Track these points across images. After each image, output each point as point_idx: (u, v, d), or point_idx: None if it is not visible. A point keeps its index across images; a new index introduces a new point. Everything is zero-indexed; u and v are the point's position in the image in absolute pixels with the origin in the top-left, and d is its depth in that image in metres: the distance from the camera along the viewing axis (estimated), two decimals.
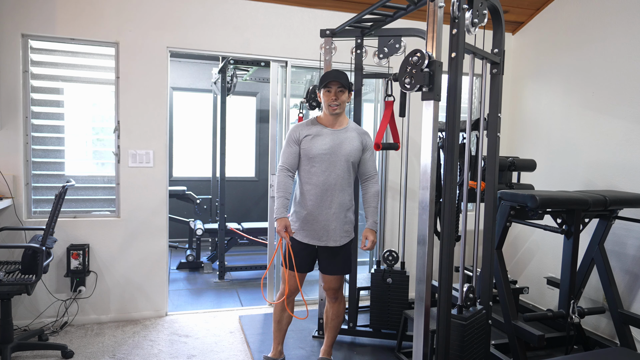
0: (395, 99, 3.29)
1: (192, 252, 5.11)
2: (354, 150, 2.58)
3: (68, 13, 3.26)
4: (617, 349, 2.09)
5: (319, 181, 2.54)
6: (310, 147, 2.56)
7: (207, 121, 6.47)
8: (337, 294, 2.72)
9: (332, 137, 2.57)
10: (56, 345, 2.88)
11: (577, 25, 3.68)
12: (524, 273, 4.25)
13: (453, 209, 1.93)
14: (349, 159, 2.57)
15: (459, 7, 1.85)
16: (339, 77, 2.54)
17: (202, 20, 3.55)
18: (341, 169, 2.55)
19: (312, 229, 2.58)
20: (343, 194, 2.57)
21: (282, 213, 2.54)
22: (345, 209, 2.60)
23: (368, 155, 2.66)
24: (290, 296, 2.68)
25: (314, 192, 2.56)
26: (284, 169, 2.60)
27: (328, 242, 2.58)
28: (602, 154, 3.46)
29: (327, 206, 2.55)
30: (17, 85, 3.19)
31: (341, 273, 2.65)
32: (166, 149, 3.54)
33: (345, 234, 2.62)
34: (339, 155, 2.55)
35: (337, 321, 2.77)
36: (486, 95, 3.85)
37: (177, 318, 3.61)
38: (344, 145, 2.56)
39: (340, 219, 2.58)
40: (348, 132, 2.61)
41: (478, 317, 2.21)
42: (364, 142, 2.64)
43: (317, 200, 2.55)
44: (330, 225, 2.56)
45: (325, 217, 2.56)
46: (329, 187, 2.54)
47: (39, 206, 3.36)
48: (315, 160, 2.55)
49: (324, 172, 2.54)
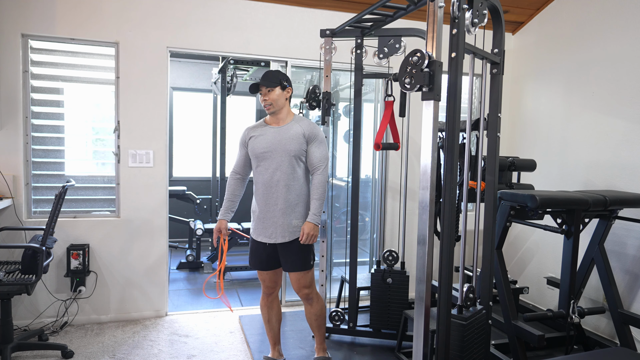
0: (395, 99, 3.29)
1: (192, 252, 5.10)
2: (295, 145, 2.57)
3: (68, 13, 3.26)
4: (617, 349, 2.09)
5: (264, 179, 2.59)
6: (254, 147, 2.62)
7: (207, 121, 6.46)
8: (310, 294, 2.70)
9: (274, 135, 2.59)
10: (56, 345, 2.88)
11: (577, 25, 3.68)
12: (524, 273, 4.25)
13: (453, 209, 1.93)
14: (290, 153, 2.56)
15: (459, 7, 1.85)
16: (264, 78, 2.58)
17: (202, 20, 3.55)
18: (283, 164, 2.56)
19: (263, 227, 2.62)
20: (288, 190, 2.57)
21: (222, 214, 2.72)
22: (293, 204, 2.59)
23: (313, 147, 2.61)
24: (270, 294, 2.77)
25: (261, 190, 2.61)
26: (233, 172, 2.77)
27: (277, 238, 2.59)
28: (602, 154, 3.46)
29: (273, 203, 2.58)
30: (17, 85, 3.19)
31: (300, 269, 2.63)
32: (166, 149, 3.54)
33: (294, 230, 2.60)
34: (279, 151, 2.56)
35: (320, 320, 2.78)
36: (486, 95, 3.86)
37: (177, 318, 3.61)
38: (284, 142, 2.57)
39: (287, 215, 2.58)
40: (290, 129, 2.60)
41: (478, 317, 2.21)
42: (307, 135, 2.60)
43: (264, 198, 2.60)
44: (277, 222, 2.58)
45: (272, 214, 2.59)
46: (273, 184, 2.57)
47: (39, 206, 3.36)
48: (258, 159, 2.61)
49: (267, 169, 2.58)
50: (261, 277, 2.73)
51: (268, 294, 2.77)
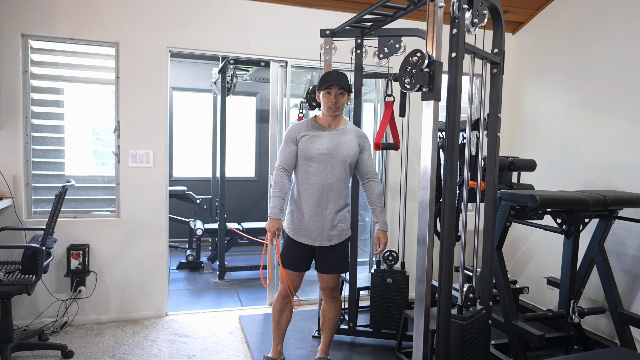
0: (395, 99, 3.28)
1: (192, 252, 5.10)
2: (351, 152, 2.59)
3: (68, 13, 3.26)
4: (617, 349, 2.09)
5: (316, 182, 2.55)
6: (308, 147, 2.56)
7: (207, 121, 6.46)
8: (334, 293, 2.73)
9: (330, 139, 2.57)
10: (56, 345, 2.88)
11: (577, 25, 3.68)
12: (524, 273, 4.25)
13: (453, 209, 1.93)
14: (346, 160, 2.57)
15: (459, 7, 1.85)
16: (339, 79, 2.52)
17: (203, 20, 3.55)
18: (338, 170, 2.56)
19: (306, 229, 2.59)
20: (339, 195, 2.58)
21: (276, 214, 2.56)
22: (341, 209, 2.61)
23: (366, 157, 2.67)
24: (288, 296, 2.68)
25: (310, 192, 2.56)
26: (280, 168, 2.61)
27: (322, 242, 2.59)
28: (602, 154, 3.46)
29: (323, 206, 2.56)
30: (17, 85, 3.19)
31: (337, 272, 2.66)
32: (166, 149, 3.54)
33: (340, 233, 2.62)
34: (336, 156, 2.55)
35: (333, 321, 2.78)
36: (486, 95, 3.85)
37: (177, 318, 3.61)
38: (342, 147, 2.56)
39: (335, 219, 2.59)
40: (346, 133, 2.61)
41: (478, 317, 2.21)
42: (361, 144, 2.64)
43: (313, 201, 2.56)
44: (325, 225, 2.57)
45: (320, 217, 2.57)
46: (326, 188, 2.55)
47: (39, 206, 3.36)
48: (312, 160, 2.55)
49: (321, 172, 2.55)
50: (287, 277, 2.63)
51: (285, 296, 2.68)
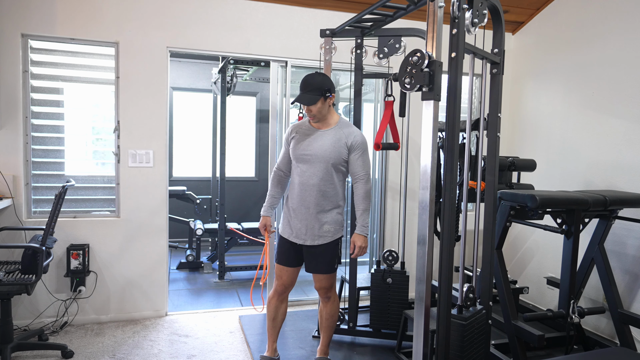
0: (395, 99, 3.29)
1: (192, 252, 5.11)
2: (335, 153, 2.53)
3: (68, 13, 3.26)
4: (617, 349, 2.09)
5: (300, 181, 2.58)
6: (295, 147, 2.61)
7: (207, 121, 6.47)
8: (329, 294, 2.73)
9: (316, 139, 2.57)
10: (56, 345, 2.88)
11: (577, 25, 3.68)
12: (524, 273, 4.25)
13: (453, 209, 1.93)
14: (329, 161, 2.53)
15: (459, 7, 1.85)
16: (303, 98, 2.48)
17: (202, 20, 3.55)
18: (321, 171, 2.54)
19: (294, 227, 2.63)
20: (322, 196, 2.56)
21: (265, 211, 2.74)
22: (326, 209, 2.58)
23: (356, 156, 2.57)
24: (283, 292, 2.72)
25: (296, 191, 2.61)
26: (276, 169, 2.76)
27: (306, 240, 2.60)
28: (602, 154, 3.46)
29: (306, 207, 2.58)
30: (17, 85, 3.19)
31: (324, 272, 2.64)
32: (166, 149, 3.54)
33: (325, 234, 2.60)
34: (319, 157, 2.54)
35: (331, 320, 2.78)
36: (486, 95, 3.85)
37: (177, 318, 3.61)
38: (325, 147, 2.54)
39: (319, 220, 2.58)
40: (333, 133, 2.57)
41: (478, 317, 2.21)
42: (349, 143, 2.56)
43: (297, 200, 2.60)
44: (309, 225, 2.59)
45: (304, 216, 2.59)
46: (308, 188, 2.56)
47: (39, 206, 3.36)
48: (298, 161, 2.60)
49: (304, 173, 2.57)
50: (279, 272, 2.69)
51: (280, 292, 2.72)
